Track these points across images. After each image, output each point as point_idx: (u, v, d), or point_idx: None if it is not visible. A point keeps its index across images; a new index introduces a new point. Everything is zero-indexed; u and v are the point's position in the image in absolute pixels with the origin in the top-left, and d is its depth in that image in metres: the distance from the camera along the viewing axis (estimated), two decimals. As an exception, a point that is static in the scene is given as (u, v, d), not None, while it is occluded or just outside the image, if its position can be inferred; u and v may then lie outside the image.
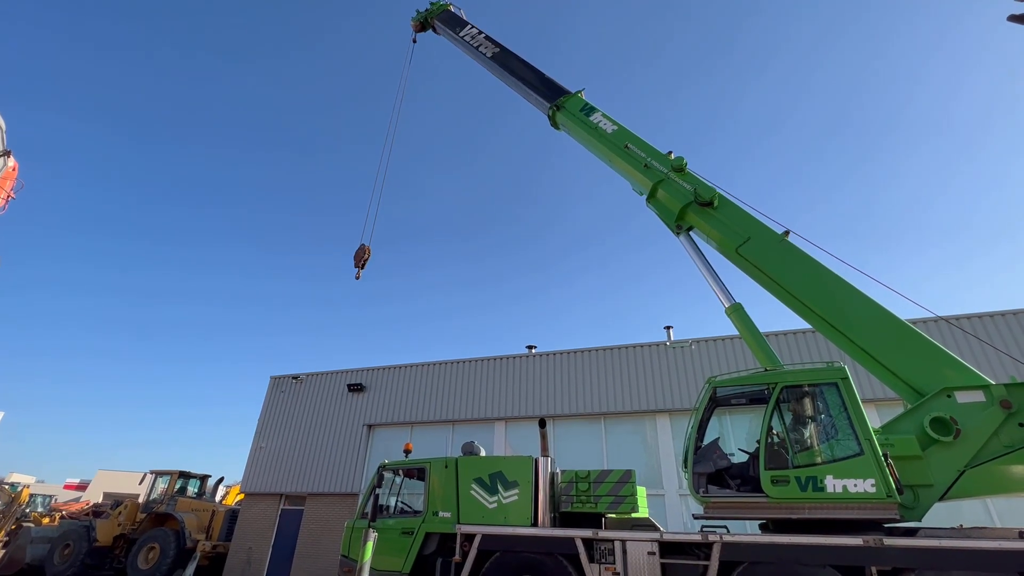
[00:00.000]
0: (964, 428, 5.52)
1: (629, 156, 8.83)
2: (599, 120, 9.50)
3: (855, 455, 5.47)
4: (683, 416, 12.16)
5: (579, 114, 9.77)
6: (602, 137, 9.29)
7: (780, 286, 7.00)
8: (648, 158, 8.65)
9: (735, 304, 7.28)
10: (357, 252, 11.38)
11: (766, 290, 7.20)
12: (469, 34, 12.13)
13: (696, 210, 7.87)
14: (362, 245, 11.42)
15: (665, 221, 8.33)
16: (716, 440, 6.47)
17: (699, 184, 7.98)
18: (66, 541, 16.05)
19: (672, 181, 8.23)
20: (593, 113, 9.66)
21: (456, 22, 12.74)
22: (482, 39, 11.83)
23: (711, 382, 6.64)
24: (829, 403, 5.91)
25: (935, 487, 5.47)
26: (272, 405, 17.87)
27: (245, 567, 15.35)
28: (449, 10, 13.20)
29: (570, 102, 10.05)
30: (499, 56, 11.37)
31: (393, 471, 8.46)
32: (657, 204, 8.37)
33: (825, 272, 6.90)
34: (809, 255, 7.08)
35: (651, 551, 6.06)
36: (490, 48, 11.56)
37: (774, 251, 7.23)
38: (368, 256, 11.32)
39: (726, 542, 5.71)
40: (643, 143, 8.95)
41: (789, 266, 7.06)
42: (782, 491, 5.61)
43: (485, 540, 6.88)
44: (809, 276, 6.92)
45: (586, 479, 7.17)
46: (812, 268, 6.96)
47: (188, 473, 17.79)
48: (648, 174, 8.48)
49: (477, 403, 14.92)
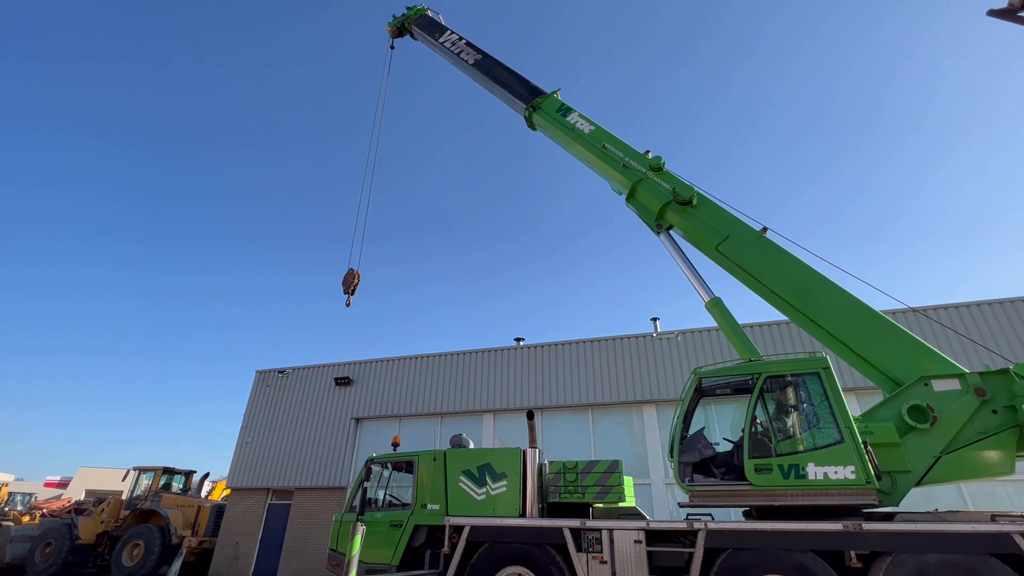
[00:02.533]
0: (940, 415, 5.67)
1: (607, 156, 8.80)
2: (576, 120, 9.43)
3: (836, 443, 5.60)
4: (669, 406, 12.32)
5: (556, 115, 9.68)
6: (579, 138, 9.22)
7: (760, 282, 7.10)
8: (626, 158, 8.63)
9: (714, 298, 7.38)
10: (346, 277, 10.85)
11: (746, 286, 7.29)
12: (449, 40, 11.78)
13: (675, 209, 7.91)
14: (351, 270, 10.91)
15: (645, 220, 8.34)
16: (701, 430, 6.57)
17: (677, 183, 8.02)
18: (47, 539, 15.78)
19: (651, 180, 8.25)
20: (570, 114, 9.58)
21: (435, 28, 12.34)
22: (463, 45, 11.51)
23: (696, 373, 6.73)
24: (811, 392, 6.03)
25: (912, 473, 5.62)
26: (258, 400, 17.70)
27: (232, 562, 15.26)
28: (427, 15, 12.78)
29: (546, 103, 9.94)
30: (482, 63, 11.07)
31: (381, 464, 8.46)
32: (637, 204, 8.39)
33: (803, 268, 7.02)
34: (787, 251, 7.20)
35: (638, 539, 6.15)
36: (472, 55, 11.24)
37: (753, 248, 7.31)
38: (358, 281, 10.81)
39: (711, 529, 5.82)
40: (621, 143, 8.92)
41: (768, 263, 7.15)
42: (765, 479, 5.72)
43: (474, 531, 6.92)
44: (788, 272, 7.03)
45: (573, 470, 7.24)
46: (791, 264, 7.08)
47: (172, 469, 17.59)
48: (627, 174, 8.47)
49: (465, 396, 14.95)
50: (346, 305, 10.73)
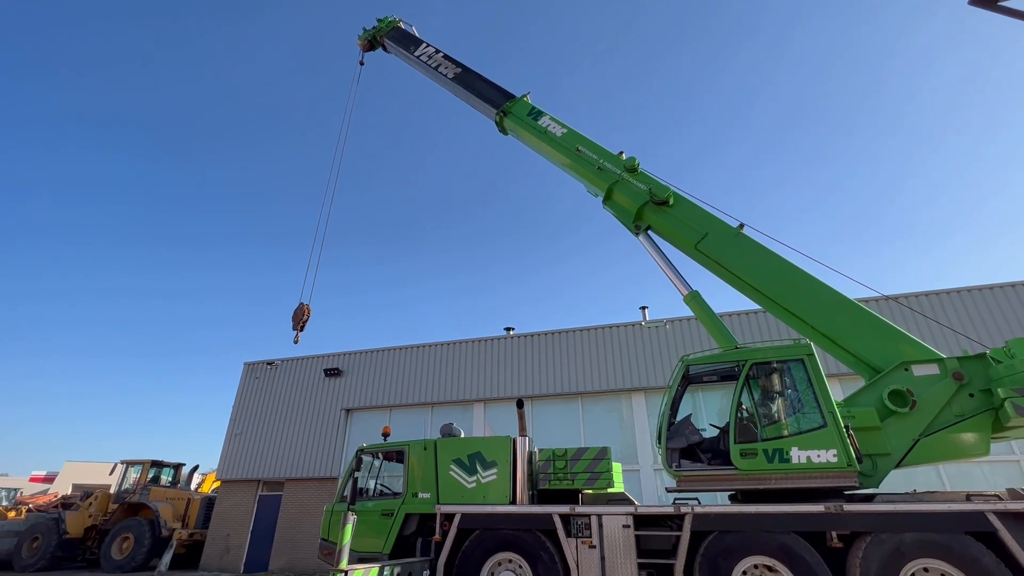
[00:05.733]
0: (919, 399, 5.82)
1: (581, 159, 8.75)
2: (548, 124, 9.33)
3: (819, 427, 5.72)
4: (658, 394, 12.47)
5: (527, 119, 9.57)
6: (552, 141, 9.13)
7: (740, 279, 7.19)
8: (600, 160, 8.59)
9: (692, 292, 7.48)
10: (296, 312, 10.38)
11: (727, 283, 7.37)
12: (426, 53, 11.33)
13: (653, 209, 7.93)
14: (301, 304, 10.46)
15: (623, 222, 8.33)
16: (688, 416, 6.67)
17: (653, 183, 8.03)
18: (34, 534, 15.64)
19: (626, 182, 8.23)
20: (541, 117, 9.48)
21: (409, 40, 11.87)
22: (440, 59, 11.05)
23: (684, 360, 6.81)
24: (796, 378, 6.15)
25: (892, 455, 5.78)
26: (247, 392, 17.59)
27: (224, 554, 15.26)
28: (399, 27, 12.28)
29: (516, 107, 9.81)
30: (462, 77, 10.65)
31: (372, 454, 8.47)
32: (614, 206, 8.38)
33: (781, 262, 7.11)
34: (765, 247, 7.28)
35: (626, 524, 6.26)
36: (451, 69, 10.81)
37: (732, 245, 7.38)
38: (308, 316, 10.38)
39: (697, 513, 5.94)
40: (594, 145, 8.87)
41: (747, 259, 7.23)
42: (750, 463, 5.84)
43: (465, 519, 6.99)
44: (767, 267, 7.12)
45: (563, 457, 7.33)
46: (769, 259, 7.16)
47: (161, 462, 17.46)
48: (602, 176, 8.44)
49: (456, 385, 14.98)
50: (294, 342, 10.31)
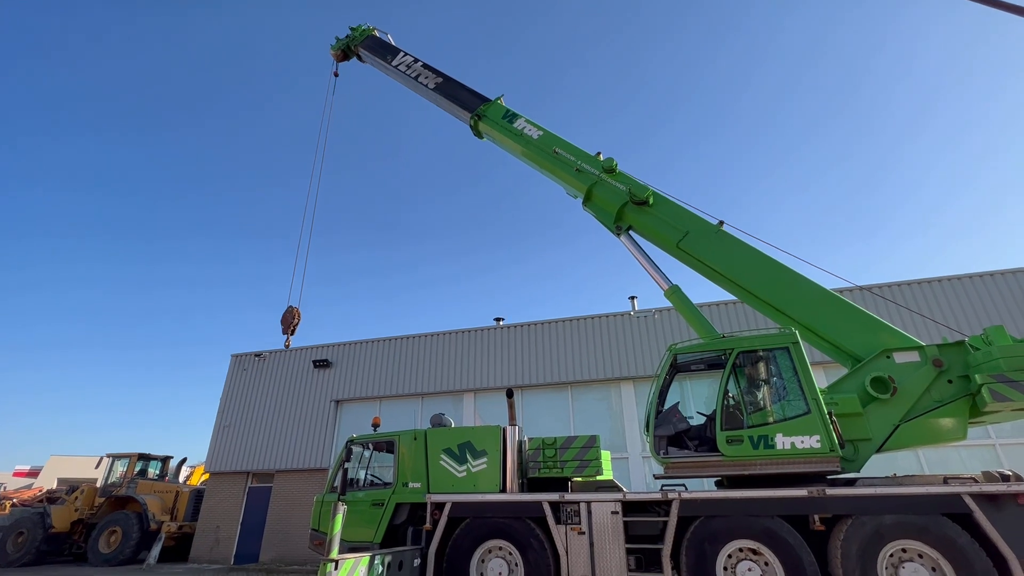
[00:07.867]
0: (900, 386, 5.96)
1: (559, 161, 8.69)
2: (523, 126, 9.24)
3: (803, 414, 5.84)
4: (647, 383, 12.59)
5: (502, 121, 9.46)
6: (528, 143, 9.05)
7: (722, 275, 7.27)
8: (578, 161, 8.55)
9: (673, 287, 7.55)
10: (285, 315, 10.20)
11: (709, 279, 7.44)
12: (404, 63, 10.95)
13: (633, 209, 7.95)
14: (290, 307, 10.29)
15: (604, 223, 8.32)
16: (676, 404, 6.76)
17: (632, 183, 8.03)
18: (19, 529, 15.44)
19: (605, 183, 8.21)
20: (516, 119, 9.39)
21: (386, 49, 11.47)
22: (420, 68, 10.69)
23: (672, 349, 6.88)
24: (781, 366, 6.25)
25: (873, 440, 5.93)
26: (235, 384, 17.44)
27: (214, 546, 15.22)
28: (374, 35, 11.89)
29: (491, 110, 9.68)
30: (443, 87, 10.34)
31: (362, 445, 8.47)
32: (594, 207, 8.37)
33: (763, 258, 7.21)
34: (745, 243, 7.37)
35: (614, 511, 6.36)
36: (432, 79, 10.47)
37: (712, 243, 7.45)
38: (298, 320, 10.19)
39: (683, 499, 6.05)
40: (571, 146, 8.82)
41: (729, 256, 7.31)
42: (736, 450, 5.95)
43: (455, 507, 7.04)
44: (748, 263, 7.21)
45: (552, 445, 7.39)
46: (750, 256, 7.25)
47: (148, 455, 17.30)
48: (581, 178, 8.41)
49: (446, 375, 15.00)
50: (285, 346, 10.24)
